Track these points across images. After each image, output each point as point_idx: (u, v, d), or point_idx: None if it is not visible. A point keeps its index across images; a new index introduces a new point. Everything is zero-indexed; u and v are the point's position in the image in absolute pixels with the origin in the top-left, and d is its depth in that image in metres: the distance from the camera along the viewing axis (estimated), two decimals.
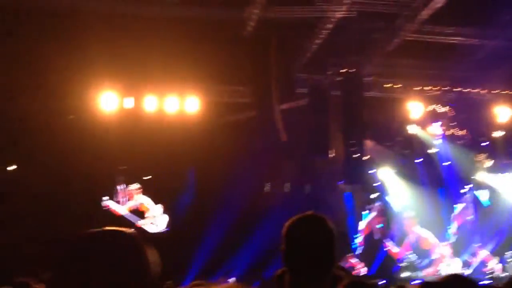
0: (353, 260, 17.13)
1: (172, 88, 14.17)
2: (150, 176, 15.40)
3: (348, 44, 13.61)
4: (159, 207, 14.82)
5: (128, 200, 14.70)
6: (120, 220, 14.24)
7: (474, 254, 18.32)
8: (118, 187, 14.64)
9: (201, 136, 13.99)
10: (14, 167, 15.23)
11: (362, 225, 17.55)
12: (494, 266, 17.47)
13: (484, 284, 15.23)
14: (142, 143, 14.02)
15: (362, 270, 16.81)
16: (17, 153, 14.59)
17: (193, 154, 14.52)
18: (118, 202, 14.52)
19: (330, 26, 12.53)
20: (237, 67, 13.52)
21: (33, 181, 14.35)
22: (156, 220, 14.71)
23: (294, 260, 2.26)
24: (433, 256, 17.58)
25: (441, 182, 18.76)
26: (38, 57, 12.46)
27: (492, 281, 15.64)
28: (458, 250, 18.55)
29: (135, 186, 14.76)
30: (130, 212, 14.65)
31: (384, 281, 16.03)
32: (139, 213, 14.78)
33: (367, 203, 18.18)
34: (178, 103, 14.25)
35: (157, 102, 14.20)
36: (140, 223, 14.53)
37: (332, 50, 13.80)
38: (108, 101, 13.98)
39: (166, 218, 14.82)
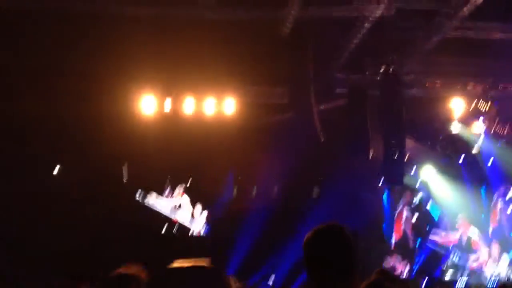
0: (394, 261, 16.91)
1: (210, 90, 14.23)
2: (190, 178, 15.57)
3: (386, 43, 13.42)
4: (198, 207, 15.00)
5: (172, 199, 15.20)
6: (163, 217, 14.68)
7: None
8: (166, 189, 15.16)
9: (239, 138, 14.01)
10: (57, 170, 15.58)
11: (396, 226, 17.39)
12: None
13: None
14: (180, 145, 14.16)
15: (405, 271, 16.59)
16: (61, 158, 14.93)
17: (231, 156, 14.58)
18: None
19: (368, 25, 12.35)
20: (274, 67, 13.49)
21: (78, 184, 14.68)
22: (195, 219, 15.25)
23: (314, 273, 2.26)
24: (480, 257, 17.19)
25: (484, 181, 18.34)
26: (79, 63, 12.73)
27: None
28: (505, 249, 18.09)
29: (178, 187, 15.31)
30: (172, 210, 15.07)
31: (427, 282, 15.84)
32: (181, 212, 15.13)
33: (408, 205, 17.93)
34: (216, 105, 14.29)
35: (195, 104, 14.28)
36: (181, 220, 14.97)
37: (370, 49, 13.62)
38: (148, 104, 14.16)
39: (204, 218, 15.15)
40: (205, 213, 15.59)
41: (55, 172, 15.58)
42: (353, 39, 13.06)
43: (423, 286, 15.78)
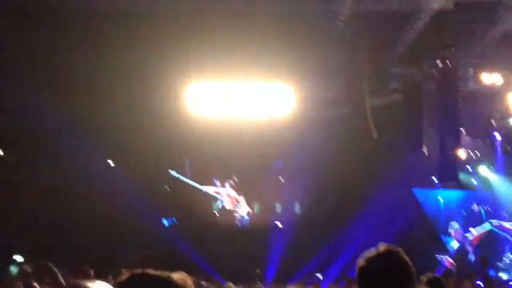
0: (447, 262, 16.63)
1: (265, 82, 14.22)
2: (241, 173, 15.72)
3: (444, 36, 13.11)
4: (242, 198, 16.12)
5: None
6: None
7: None
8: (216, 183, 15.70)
9: (293, 132, 13.99)
10: (111, 162, 15.93)
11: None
12: None
13: None
14: (233, 139, 14.26)
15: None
16: (114, 150, 15.26)
17: (283, 150, 14.59)
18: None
19: (425, 18, 12.10)
20: (329, 62, 13.38)
21: (130, 176, 14.97)
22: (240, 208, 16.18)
23: None
24: None
25: None
26: (129, 61, 12.98)
27: None
28: None
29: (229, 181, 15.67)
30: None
31: (481, 282, 15.44)
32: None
33: (463, 203, 17.52)
34: (273, 101, 14.25)
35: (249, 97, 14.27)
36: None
37: (427, 42, 13.33)
38: (198, 100, 14.31)
39: (246, 209, 16.11)
40: (247, 208, 16.15)
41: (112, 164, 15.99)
42: (409, 32, 12.84)
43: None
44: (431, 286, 3.78)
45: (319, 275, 14.89)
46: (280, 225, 16.38)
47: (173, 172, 15.52)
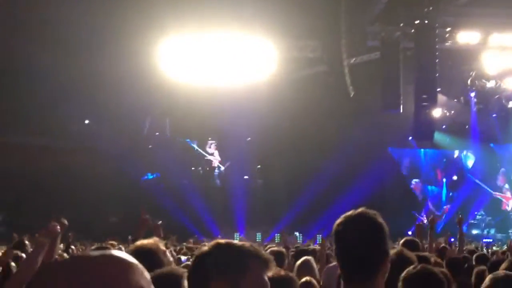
0: (425, 216, 17.01)
1: (245, 42, 13.96)
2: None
3: None
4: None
5: None
6: None
7: None
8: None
9: (272, 91, 13.86)
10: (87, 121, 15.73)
11: None
12: None
13: None
14: (211, 99, 14.12)
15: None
16: (91, 109, 15.03)
17: (260, 109, 14.51)
18: None
19: None
20: (307, 21, 13.16)
21: (105, 134, 14.83)
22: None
23: (345, 258, 2.23)
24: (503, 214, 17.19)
25: None
26: (104, 17, 12.63)
27: None
28: None
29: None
30: None
31: (453, 239, 15.86)
32: None
33: (438, 160, 17.82)
34: (254, 60, 14.02)
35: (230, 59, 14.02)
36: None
37: (405, 1, 13.20)
38: (175, 58, 14.02)
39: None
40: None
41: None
42: None
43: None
44: (406, 247, 3.85)
45: (297, 234, 15.12)
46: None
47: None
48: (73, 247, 7.96)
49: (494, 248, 13.41)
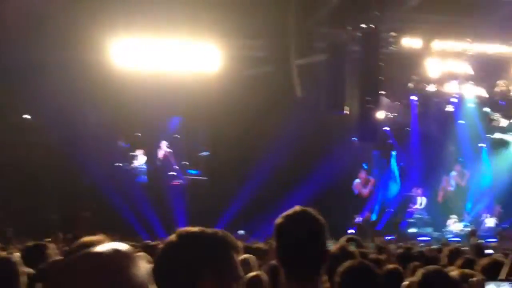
0: (365, 216, 17.39)
1: (191, 39, 13.90)
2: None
3: None
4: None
5: None
6: None
7: (481, 214, 18.55)
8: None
9: (222, 90, 13.85)
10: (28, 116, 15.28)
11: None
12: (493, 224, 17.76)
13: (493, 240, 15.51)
14: (159, 94, 13.97)
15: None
16: (33, 102, 14.59)
17: (211, 108, 14.47)
18: None
19: None
20: (255, 20, 13.23)
21: (47, 129, 14.46)
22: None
23: (286, 256, 2.29)
24: (440, 214, 17.84)
25: (456, 139, 18.75)
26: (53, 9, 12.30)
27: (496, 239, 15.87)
28: (466, 208, 18.74)
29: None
30: None
31: (392, 237, 16.31)
32: None
33: (382, 160, 18.27)
34: (198, 55, 13.99)
35: (176, 53, 13.94)
36: None
37: (352, 4, 13.46)
38: (122, 52, 13.82)
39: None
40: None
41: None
42: None
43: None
44: (352, 244, 3.99)
45: (242, 232, 15.15)
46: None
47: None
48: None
49: (432, 246, 13.92)
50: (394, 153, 18.95)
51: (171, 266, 1.65)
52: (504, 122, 18.83)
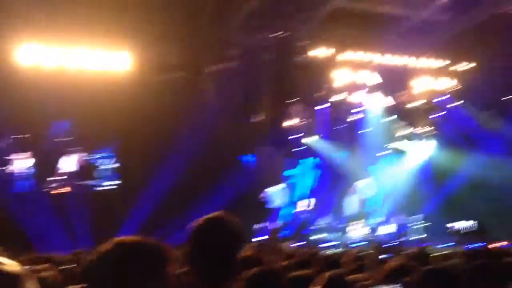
0: (273, 223, 17.62)
1: (101, 43, 13.51)
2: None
3: (282, 7, 13.51)
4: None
5: None
6: None
7: (384, 219, 19.38)
8: None
9: (131, 95, 13.53)
10: None
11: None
12: (395, 229, 18.64)
13: (393, 245, 16.20)
14: (67, 97, 13.43)
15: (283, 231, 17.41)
16: None
17: (121, 113, 14.09)
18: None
19: None
20: (168, 26, 13.06)
21: None
22: None
23: (199, 261, 2.30)
24: (344, 221, 18.46)
25: (362, 147, 19.46)
26: None
27: (397, 243, 16.61)
28: (369, 215, 19.49)
29: None
30: None
31: (303, 243, 16.65)
32: None
33: (293, 167, 18.58)
34: (108, 59, 13.63)
35: (84, 56, 13.50)
36: None
37: (266, 12, 13.64)
38: (27, 54, 13.20)
39: None
40: None
41: None
42: (250, 1, 13.04)
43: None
44: (259, 250, 4.02)
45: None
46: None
47: None
48: None
49: (331, 251, 14.31)
50: (305, 160, 19.39)
51: (102, 277, 1.58)
52: (407, 131, 19.83)
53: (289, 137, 16.50)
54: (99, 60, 13.60)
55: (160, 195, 14.83)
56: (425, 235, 18.13)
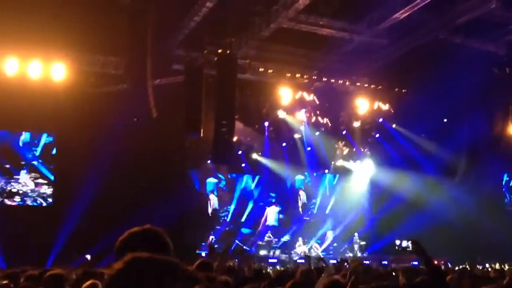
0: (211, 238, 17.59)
1: (38, 53, 13.22)
2: None
3: (226, 25, 13.65)
4: None
5: None
6: None
7: (324, 237, 19.71)
8: None
9: (68, 105, 13.25)
10: None
11: None
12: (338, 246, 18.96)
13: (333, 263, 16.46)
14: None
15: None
16: None
17: (58, 122, 13.79)
18: None
19: (210, 4, 12.45)
20: (111, 37, 12.92)
21: None
22: None
23: None
24: (288, 237, 18.62)
25: (304, 165, 19.78)
26: None
27: (336, 261, 16.91)
28: (312, 232, 19.77)
29: None
30: None
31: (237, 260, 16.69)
32: None
33: (233, 184, 18.65)
34: (44, 69, 13.34)
35: (20, 66, 13.18)
36: None
37: (210, 29, 13.75)
38: None
39: None
40: None
41: None
42: (193, 16, 13.08)
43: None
44: (200, 268, 4.01)
45: (88, 256, 14.48)
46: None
47: None
48: None
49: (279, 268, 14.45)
50: (247, 176, 19.51)
51: None
52: (346, 150, 20.31)
53: (233, 153, 16.55)
54: (36, 70, 13.31)
55: (98, 210, 14.50)
56: (365, 252, 18.54)
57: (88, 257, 14.47)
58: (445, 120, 18.61)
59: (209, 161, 17.48)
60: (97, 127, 14.02)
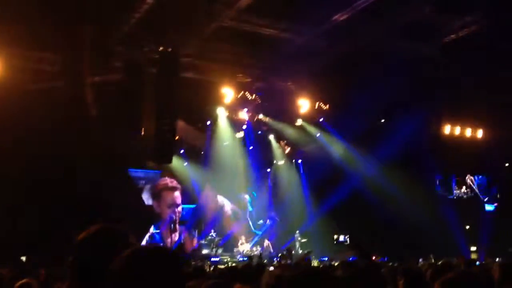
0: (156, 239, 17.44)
1: None
2: None
3: (167, 22, 13.46)
4: None
5: None
6: None
7: (266, 235, 19.87)
8: None
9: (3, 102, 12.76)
10: None
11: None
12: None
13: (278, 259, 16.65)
14: None
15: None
16: None
17: None
18: None
19: (150, 1, 12.28)
20: (46, 32, 12.50)
21: None
22: None
23: (84, 271, 2.28)
24: (233, 236, 18.66)
25: (246, 164, 19.86)
26: None
27: (278, 258, 17.13)
28: (254, 229, 19.89)
29: None
30: None
31: (186, 257, 16.60)
32: None
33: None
34: None
35: None
36: None
37: (150, 26, 13.53)
38: None
39: None
40: None
41: None
42: (134, 13, 12.87)
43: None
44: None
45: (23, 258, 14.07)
46: None
47: None
48: None
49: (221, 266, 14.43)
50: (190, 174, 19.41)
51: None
52: (288, 150, 20.52)
53: (172, 152, 16.40)
54: None
55: (39, 210, 14.10)
56: (309, 249, 18.80)
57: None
58: (382, 120, 19.10)
59: (152, 160, 17.28)
60: (31, 127, 13.55)
